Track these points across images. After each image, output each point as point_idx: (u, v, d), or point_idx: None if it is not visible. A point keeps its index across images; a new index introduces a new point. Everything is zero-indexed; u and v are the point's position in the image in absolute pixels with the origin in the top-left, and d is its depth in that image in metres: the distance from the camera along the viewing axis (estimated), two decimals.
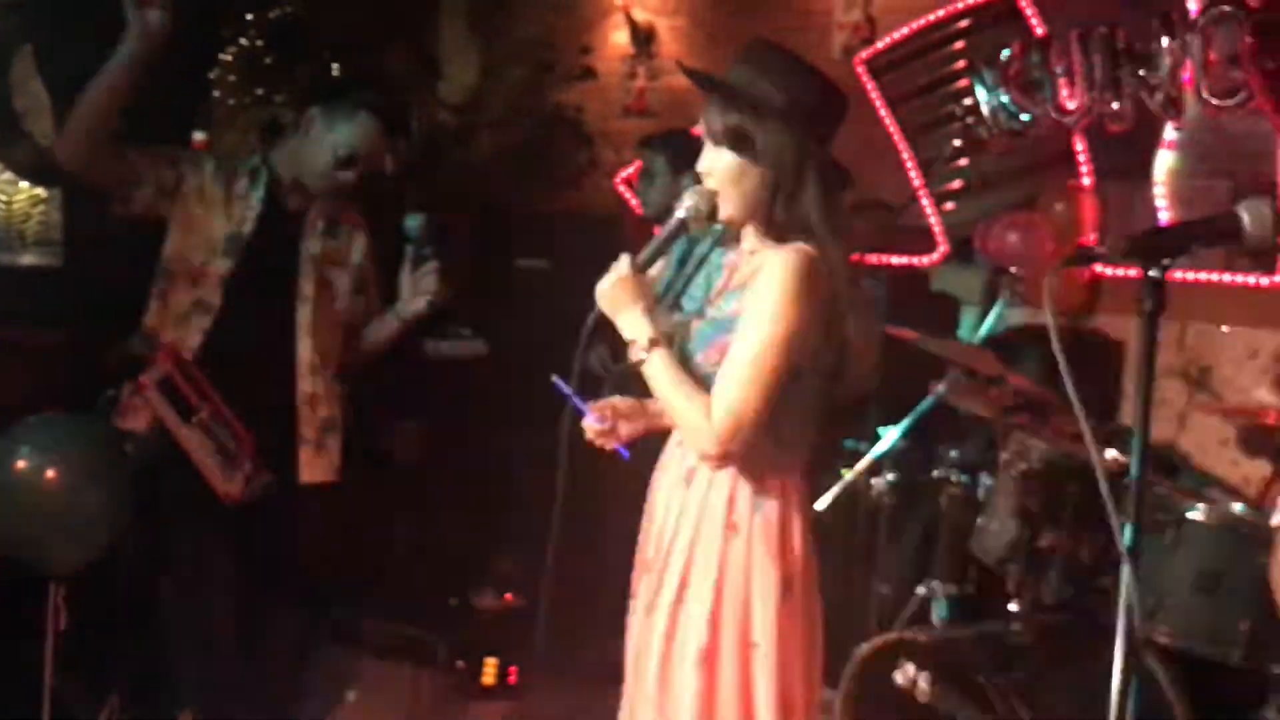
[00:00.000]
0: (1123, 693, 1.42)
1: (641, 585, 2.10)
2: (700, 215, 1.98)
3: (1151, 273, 1.41)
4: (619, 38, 5.49)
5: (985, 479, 3.38)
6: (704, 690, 1.94)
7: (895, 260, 4.55)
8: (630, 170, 5.16)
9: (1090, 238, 4.32)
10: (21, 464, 2.31)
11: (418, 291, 2.73)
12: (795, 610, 1.96)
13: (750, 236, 2.01)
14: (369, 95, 2.78)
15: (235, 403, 2.63)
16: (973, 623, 3.18)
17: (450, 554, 3.94)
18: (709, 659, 1.94)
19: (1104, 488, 1.49)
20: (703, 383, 1.93)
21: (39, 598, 2.52)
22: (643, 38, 5.44)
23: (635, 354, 1.94)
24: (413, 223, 2.69)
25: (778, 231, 1.94)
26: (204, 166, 2.79)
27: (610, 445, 2.09)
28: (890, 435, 3.41)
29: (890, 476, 3.52)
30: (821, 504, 3.40)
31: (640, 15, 5.43)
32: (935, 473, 3.52)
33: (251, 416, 2.65)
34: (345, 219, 2.87)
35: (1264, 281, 3.85)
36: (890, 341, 3.83)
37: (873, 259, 4.40)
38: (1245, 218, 1.42)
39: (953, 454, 3.50)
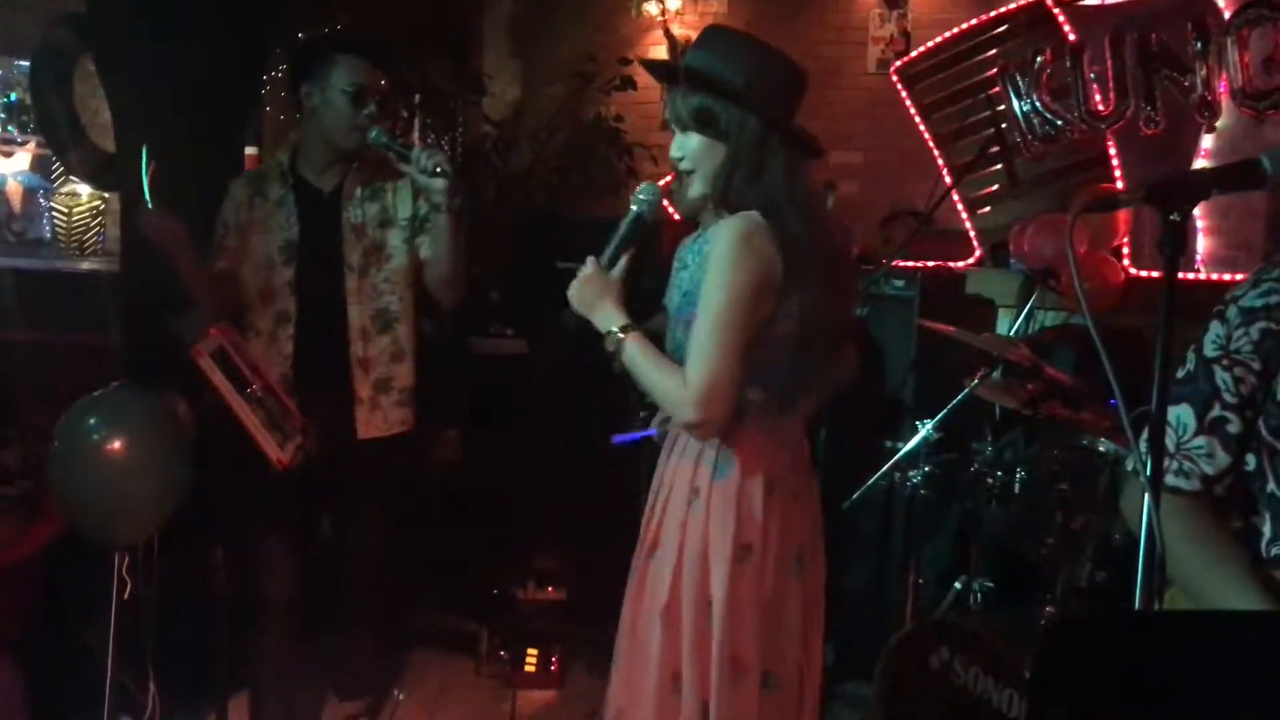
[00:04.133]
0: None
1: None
2: (654, 208, 2.07)
3: (1171, 217, 1.46)
4: (658, 52, 5.63)
5: (1020, 474, 3.41)
6: (666, 644, 2.02)
7: (930, 264, 4.61)
8: (668, 179, 5.26)
9: (1123, 241, 4.36)
10: (89, 436, 2.41)
11: (426, 173, 2.61)
12: (751, 574, 1.99)
13: (709, 215, 2.05)
14: (338, 41, 2.86)
15: (303, 367, 2.78)
16: (1008, 610, 3.20)
17: (493, 548, 4.02)
18: (670, 614, 2.02)
19: (1139, 464, 1.50)
20: (676, 357, 1.99)
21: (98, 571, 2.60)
22: (681, 52, 5.57)
23: (610, 344, 2.00)
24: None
25: (735, 205, 1.97)
26: (237, 196, 2.89)
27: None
28: (924, 430, 3.46)
29: (926, 469, 3.56)
30: (849, 501, 3.48)
31: (678, 30, 5.57)
32: (971, 468, 3.55)
33: (313, 380, 2.80)
34: (383, 178, 2.89)
35: None
36: (924, 341, 3.90)
37: (908, 263, 4.45)
38: (1267, 164, 1.46)
39: (988, 449, 3.53)
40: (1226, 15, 4.03)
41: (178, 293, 2.72)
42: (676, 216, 2.19)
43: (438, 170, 2.58)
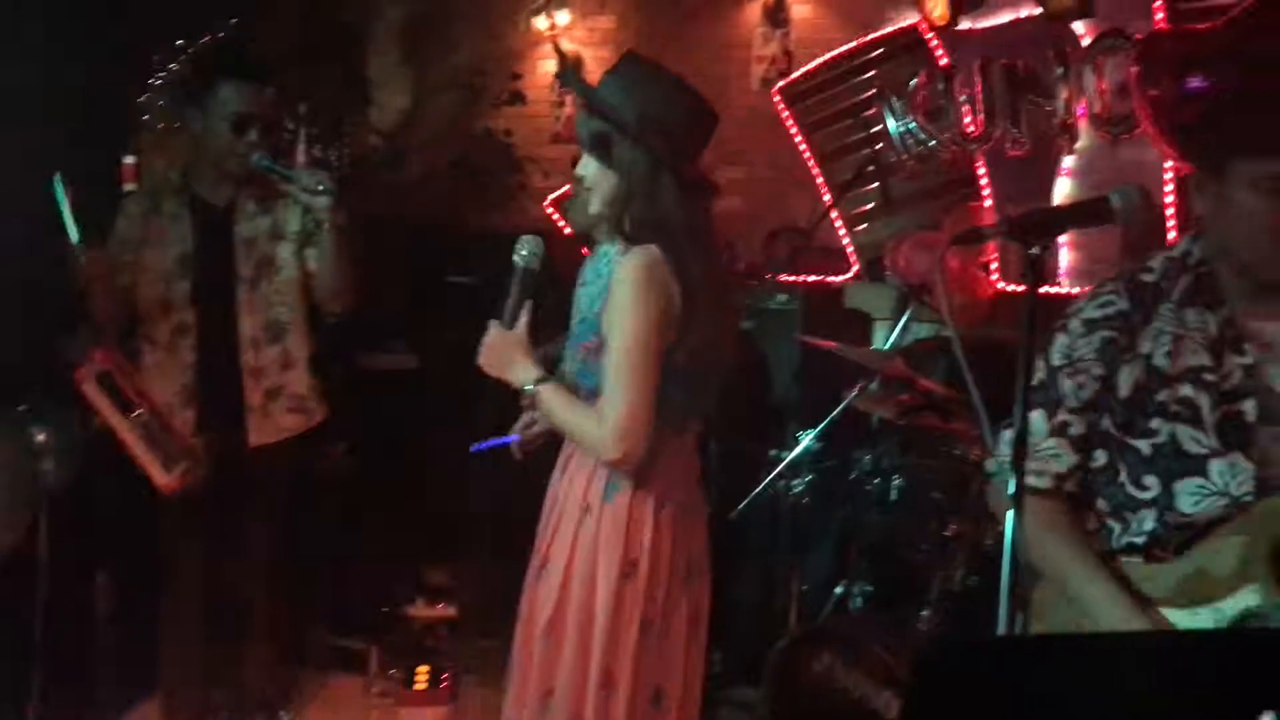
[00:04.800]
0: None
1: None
2: (539, 259, 2.13)
3: (1032, 250, 1.59)
4: (548, 66, 5.66)
5: (897, 481, 3.56)
6: (548, 658, 2.07)
7: (810, 279, 4.76)
8: (559, 193, 5.31)
9: (991, 258, 4.57)
10: None
11: (310, 191, 2.70)
12: (635, 593, 2.04)
13: (611, 242, 2.11)
14: (220, 63, 2.97)
15: (202, 377, 2.82)
16: (887, 613, 3.33)
17: (382, 563, 4.00)
18: (555, 629, 2.07)
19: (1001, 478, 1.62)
20: (577, 382, 2.07)
21: None
22: (572, 67, 5.62)
23: (526, 399, 2.08)
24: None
25: (632, 236, 2.04)
26: (131, 211, 2.92)
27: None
28: (805, 440, 3.59)
29: (808, 479, 3.68)
30: (736, 511, 3.58)
31: (568, 45, 5.61)
32: (850, 476, 3.68)
33: (211, 389, 2.86)
34: (273, 192, 2.94)
35: None
36: (807, 353, 4.02)
37: (789, 278, 4.59)
38: (1116, 201, 1.60)
39: (866, 458, 3.66)
40: (1085, 43, 4.26)
41: (62, 314, 2.70)
42: (567, 230, 2.26)
43: (320, 189, 2.68)
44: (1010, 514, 1.62)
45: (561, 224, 5.23)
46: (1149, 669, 1.21)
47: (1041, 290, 1.69)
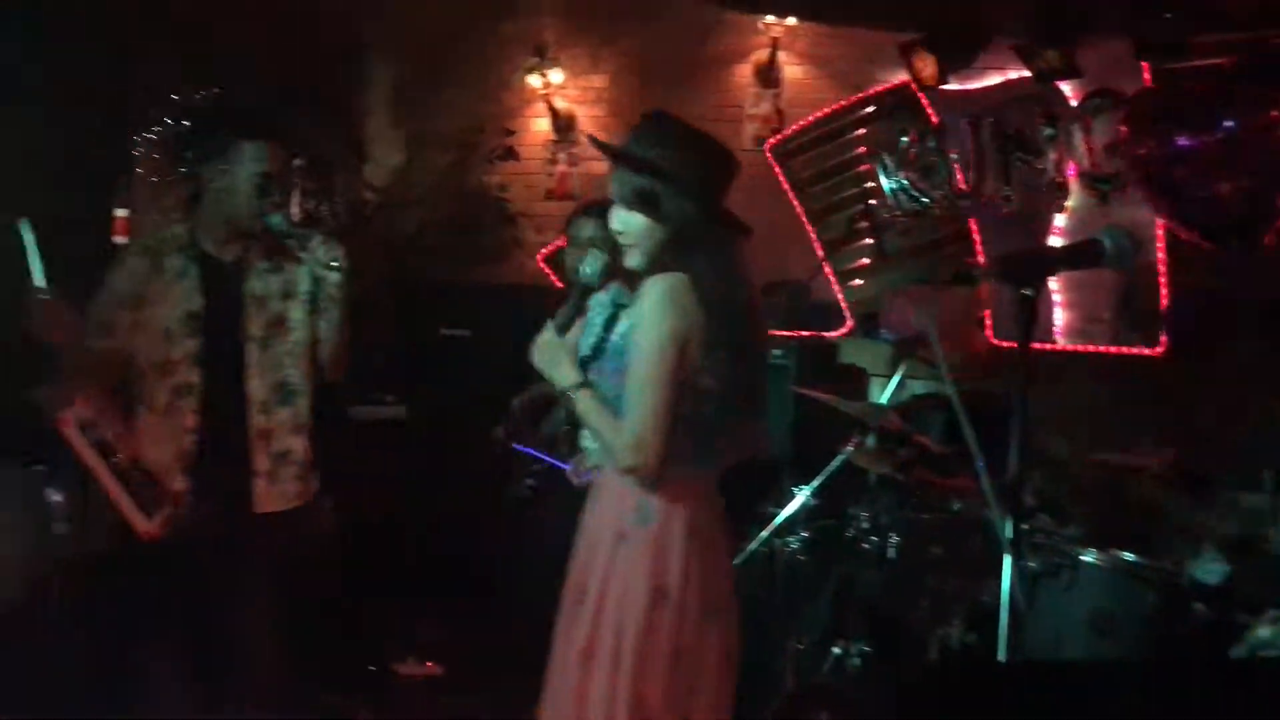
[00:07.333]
0: None
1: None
2: (600, 276, 2.25)
3: (1024, 291, 1.57)
4: (541, 124, 5.71)
5: (894, 538, 3.52)
6: (580, 685, 2.09)
7: (804, 334, 4.75)
8: (549, 248, 5.33)
9: (984, 314, 4.58)
10: None
11: (322, 265, 2.74)
12: (668, 619, 2.08)
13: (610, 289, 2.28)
14: (245, 129, 2.86)
15: (205, 440, 2.73)
16: (884, 672, 3.27)
17: (371, 620, 3.92)
18: (588, 656, 2.09)
19: (1001, 529, 1.60)
20: (615, 405, 2.13)
21: None
22: (563, 125, 5.67)
23: (566, 399, 2.16)
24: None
25: (664, 270, 2.13)
26: (132, 267, 2.82)
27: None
28: (801, 496, 3.55)
29: (804, 535, 3.64)
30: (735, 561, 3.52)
31: (561, 104, 5.67)
32: (847, 533, 3.64)
33: (214, 453, 2.73)
34: (284, 250, 2.91)
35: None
36: (802, 406, 4.01)
37: (784, 333, 4.59)
38: (1106, 242, 1.59)
39: (862, 514, 3.63)
40: (1073, 103, 4.31)
41: (41, 365, 2.63)
42: (560, 285, 2.32)
43: (333, 264, 2.69)
44: (1007, 563, 1.60)
45: (554, 279, 5.25)
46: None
47: (1036, 348, 1.68)
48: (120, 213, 5.00)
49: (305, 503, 2.94)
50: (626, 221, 2.14)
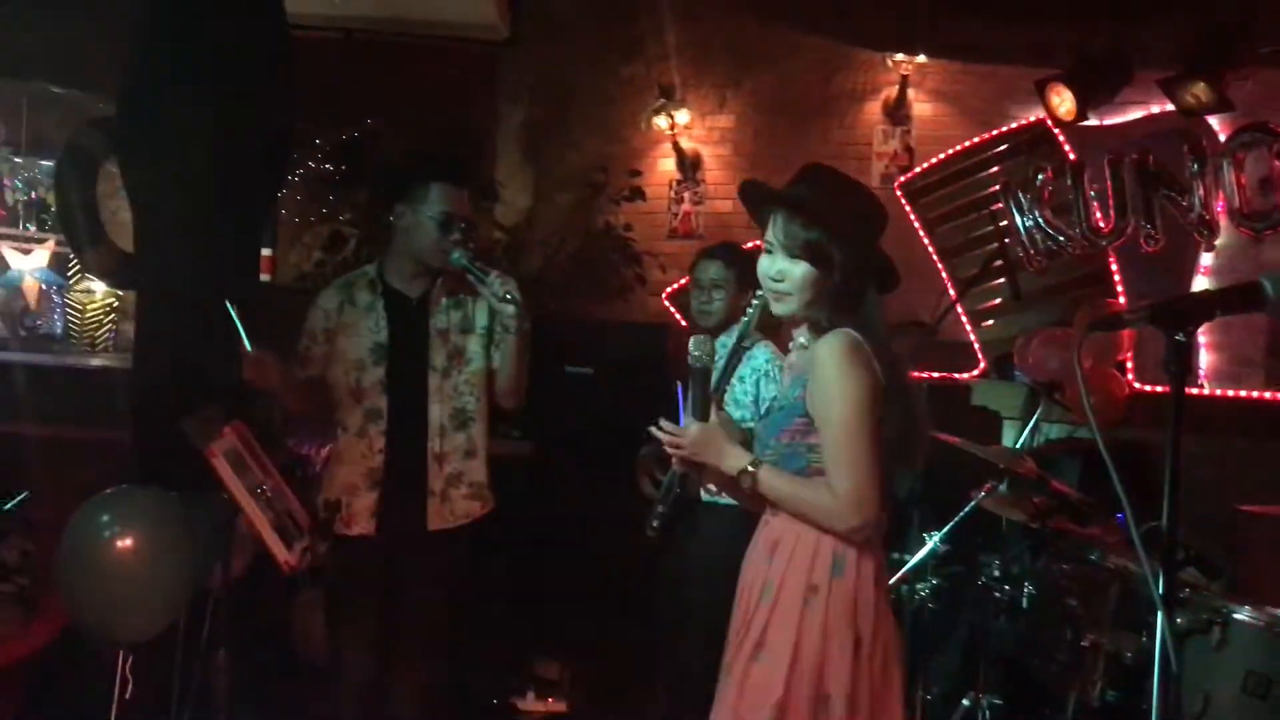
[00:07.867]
0: None
1: (726, 652, 2.23)
2: (710, 355, 2.23)
3: (1177, 337, 1.49)
4: (667, 165, 5.76)
5: (1028, 588, 3.39)
6: None
7: (936, 375, 4.64)
8: (674, 286, 5.35)
9: (1126, 355, 4.40)
10: (100, 533, 2.41)
11: (498, 298, 2.88)
12: (865, 666, 2.08)
13: (803, 332, 2.21)
14: (431, 168, 3.06)
15: (390, 461, 2.96)
16: None
17: (493, 655, 3.95)
18: (783, 710, 2.07)
19: (1151, 580, 1.51)
20: (782, 466, 2.14)
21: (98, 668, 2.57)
22: (689, 165, 5.71)
23: (745, 481, 2.14)
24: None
25: (829, 325, 2.13)
26: (326, 305, 3.08)
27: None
28: (931, 542, 3.44)
29: (934, 582, 3.53)
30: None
31: (687, 144, 5.71)
32: (977, 581, 3.52)
33: (397, 473, 2.97)
34: (465, 288, 3.09)
35: None
36: (934, 451, 3.89)
37: (913, 374, 4.49)
38: (1267, 285, 1.50)
39: (995, 562, 3.51)
40: (1222, 138, 4.14)
41: (189, 393, 2.79)
42: (683, 323, 2.31)
43: (508, 298, 2.83)
44: (1160, 619, 1.51)
45: (678, 316, 5.26)
46: None
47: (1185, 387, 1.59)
48: (265, 252, 5.23)
49: (477, 519, 3.11)
50: (787, 271, 2.14)
